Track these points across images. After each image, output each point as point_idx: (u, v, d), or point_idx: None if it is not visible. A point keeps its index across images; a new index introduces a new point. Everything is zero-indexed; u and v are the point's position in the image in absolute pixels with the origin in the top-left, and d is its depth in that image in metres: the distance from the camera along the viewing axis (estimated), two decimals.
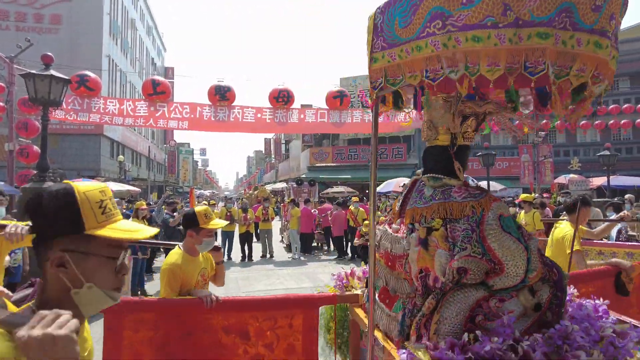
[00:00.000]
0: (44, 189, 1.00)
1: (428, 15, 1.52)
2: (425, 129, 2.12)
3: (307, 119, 12.46)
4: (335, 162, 28.37)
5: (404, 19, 1.62)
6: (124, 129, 29.36)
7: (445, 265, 1.75)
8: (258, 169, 71.81)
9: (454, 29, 1.46)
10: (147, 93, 11.00)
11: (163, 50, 49.95)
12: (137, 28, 35.74)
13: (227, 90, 11.56)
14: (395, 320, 1.97)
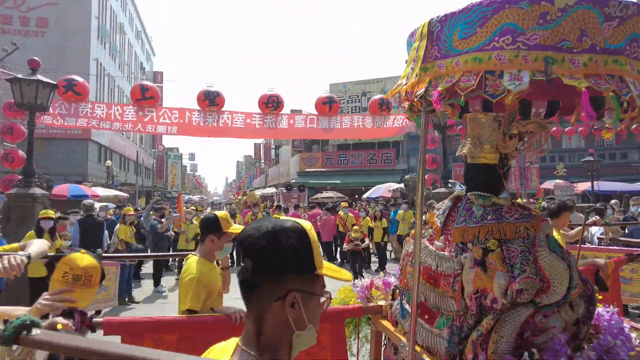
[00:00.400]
0: (266, 223, 0.95)
1: (498, 30, 1.56)
2: (469, 145, 2.09)
3: (297, 124, 12.51)
4: (325, 167, 28.44)
5: (467, 30, 1.64)
6: (112, 134, 29.09)
7: (504, 287, 1.76)
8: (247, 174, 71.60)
9: (524, 46, 1.52)
10: (136, 98, 10.93)
11: (152, 54, 49.68)
12: (126, 32, 35.53)
13: (217, 96, 11.55)
14: (440, 337, 1.97)
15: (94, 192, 13.90)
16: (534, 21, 1.51)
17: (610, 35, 1.49)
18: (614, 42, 1.50)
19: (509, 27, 1.54)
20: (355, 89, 29.62)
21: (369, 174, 26.97)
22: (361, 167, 27.79)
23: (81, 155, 24.34)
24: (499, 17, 1.55)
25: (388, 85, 28.79)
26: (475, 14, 1.61)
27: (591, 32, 1.48)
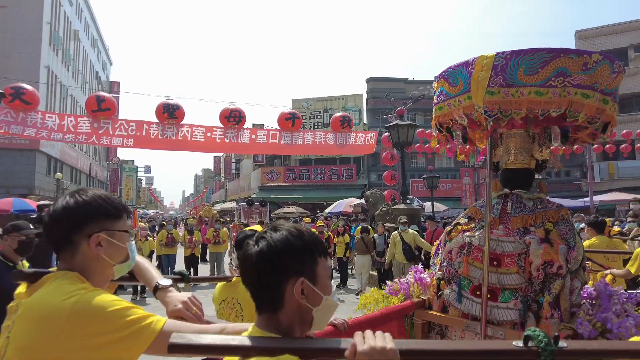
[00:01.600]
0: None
1: (554, 72, 2.13)
2: (515, 154, 2.69)
3: (259, 139, 12.45)
4: (286, 181, 28.38)
5: (531, 68, 2.17)
6: (63, 145, 27.66)
7: (566, 256, 2.37)
8: (206, 188, 70.06)
9: (569, 85, 2.12)
10: (91, 109, 10.52)
11: (109, 63, 48.04)
12: (81, 40, 34.21)
13: (176, 109, 11.32)
14: (508, 309, 2.42)
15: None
16: (579, 67, 2.13)
17: (610, 83, 2.19)
18: (610, 88, 2.22)
19: (562, 70, 2.13)
20: (317, 105, 29.96)
21: (330, 189, 27.18)
22: (323, 182, 27.98)
23: (27, 167, 22.93)
24: (556, 63, 2.12)
25: (349, 102, 29.37)
26: (538, 57, 2.16)
27: (605, 80, 2.15)
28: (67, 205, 1.19)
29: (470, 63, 2.40)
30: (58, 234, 1.18)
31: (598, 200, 18.87)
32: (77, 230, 1.17)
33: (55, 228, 1.19)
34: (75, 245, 1.17)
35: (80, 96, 33.21)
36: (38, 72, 23.29)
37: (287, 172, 28.95)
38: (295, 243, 0.99)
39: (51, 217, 1.19)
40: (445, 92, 2.64)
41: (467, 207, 13.27)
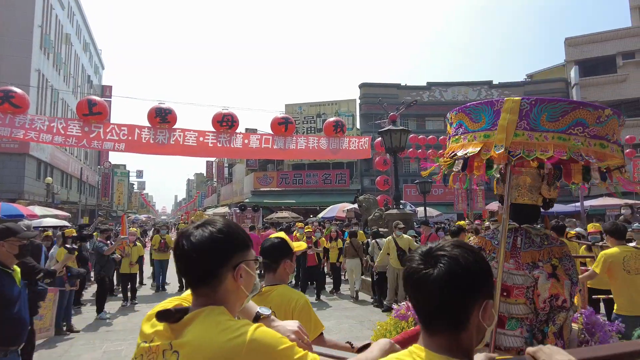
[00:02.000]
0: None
1: (574, 122, 2.37)
2: (525, 191, 2.90)
3: (252, 144, 12.39)
4: (279, 186, 28.32)
5: (554, 116, 2.42)
6: (54, 149, 27.38)
7: (570, 291, 2.60)
8: (198, 193, 69.68)
9: (588, 135, 2.37)
10: (82, 113, 10.41)
11: (101, 67, 47.75)
12: (73, 43, 33.98)
13: (168, 113, 11.24)
14: (514, 336, 2.61)
15: (31, 211, 12.89)
16: (594, 120, 2.39)
17: (618, 135, 2.49)
18: (616, 140, 2.47)
19: (580, 121, 2.38)
20: (310, 110, 29.99)
21: (323, 194, 27.16)
22: (316, 186, 27.97)
23: (17, 171, 22.62)
24: (575, 113, 2.37)
25: (342, 108, 29.46)
26: (560, 107, 2.42)
27: (615, 132, 2.45)
28: (213, 237, 1.14)
29: (494, 103, 2.63)
30: (205, 267, 1.14)
31: (589, 205, 19.05)
32: (224, 263, 1.14)
33: (202, 261, 1.14)
34: (220, 278, 1.14)
35: (71, 100, 32.93)
36: (29, 76, 23.06)
37: (280, 177, 28.89)
38: (483, 266, 1.02)
39: (196, 249, 1.13)
40: (465, 125, 2.84)
41: (459, 212, 13.41)
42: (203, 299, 1.15)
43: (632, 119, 27.87)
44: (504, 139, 2.47)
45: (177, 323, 1.12)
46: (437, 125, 30.63)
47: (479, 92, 31.70)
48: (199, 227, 1.18)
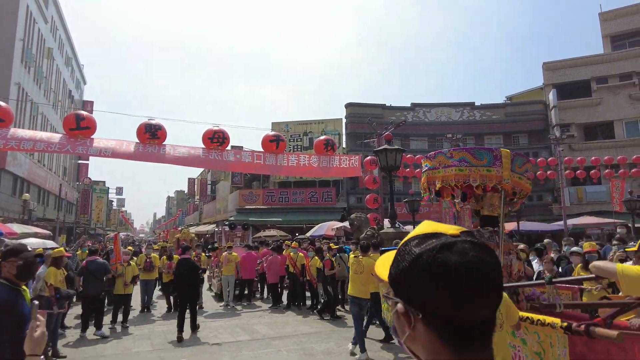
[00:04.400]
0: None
1: (526, 168, 4.46)
2: (488, 206, 4.64)
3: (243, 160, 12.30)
4: (265, 204, 28.05)
5: (520, 164, 4.40)
6: (31, 164, 26.58)
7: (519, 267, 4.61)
8: (180, 210, 68.43)
9: (530, 177, 4.65)
10: (69, 128, 10.13)
11: (82, 82, 47.05)
12: (55, 57, 33.45)
13: (158, 129, 11.03)
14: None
15: (10, 228, 12.35)
16: (530, 167, 4.62)
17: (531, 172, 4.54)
18: (528, 176, 4.52)
19: (529, 167, 4.55)
20: (297, 129, 30.07)
21: (310, 212, 27.00)
22: (302, 204, 27.79)
23: None
24: (527, 164, 4.43)
25: (329, 126, 29.65)
26: (523, 160, 4.50)
27: (529, 172, 4.54)
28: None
29: (494, 150, 4.36)
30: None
31: (571, 224, 19.47)
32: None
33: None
34: None
35: (51, 114, 32.22)
36: (8, 89, 22.51)
37: (266, 194, 28.66)
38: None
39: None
40: (468, 161, 4.29)
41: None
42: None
43: (607, 140, 28.91)
44: (508, 175, 4.21)
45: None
46: (421, 145, 31.07)
47: (461, 112, 32.42)
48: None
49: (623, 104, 29.01)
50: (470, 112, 32.39)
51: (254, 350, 6.60)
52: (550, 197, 30.47)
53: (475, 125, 31.91)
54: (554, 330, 3.04)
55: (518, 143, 32.38)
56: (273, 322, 8.78)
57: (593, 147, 27.44)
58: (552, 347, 3.09)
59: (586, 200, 27.72)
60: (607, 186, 27.40)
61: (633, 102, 28.81)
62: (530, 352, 3.30)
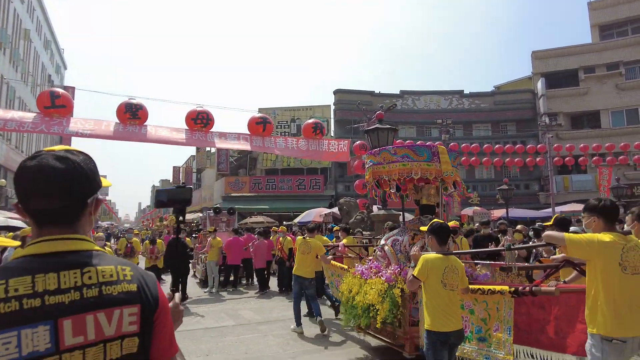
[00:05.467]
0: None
1: (457, 163, 5.48)
2: (426, 197, 5.39)
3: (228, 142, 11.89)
4: (252, 191, 27.59)
5: (453, 158, 5.22)
6: (8, 150, 25.62)
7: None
8: None
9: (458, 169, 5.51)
10: (44, 106, 9.55)
11: (63, 67, 45.55)
12: (32, 40, 32.14)
13: (139, 109, 10.52)
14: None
15: None
16: (454, 162, 5.27)
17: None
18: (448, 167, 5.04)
19: (457, 162, 5.48)
20: (284, 115, 29.55)
21: (297, 200, 26.65)
22: (290, 192, 27.40)
23: None
24: (458, 159, 5.66)
25: (317, 113, 29.20)
26: (454, 154, 5.41)
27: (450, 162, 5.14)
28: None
29: (432, 147, 5.18)
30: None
31: (559, 211, 19.50)
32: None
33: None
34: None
35: (30, 99, 31.07)
36: None
37: (253, 182, 28.18)
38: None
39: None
40: (410, 157, 5.03)
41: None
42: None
43: (594, 130, 29.09)
44: (450, 169, 4.99)
45: None
46: (410, 133, 30.87)
47: (450, 101, 32.27)
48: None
49: (610, 93, 29.18)
50: (459, 101, 32.26)
51: (239, 336, 6.27)
52: (537, 185, 30.65)
53: (464, 114, 31.80)
54: (502, 296, 3.75)
55: (506, 131, 32.42)
56: (259, 308, 8.45)
57: (580, 136, 27.57)
58: (498, 311, 3.79)
59: (572, 189, 27.93)
60: (592, 175, 27.65)
61: (619, 92, 29.01)
62: (477, 320, 3.95)
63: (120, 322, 0.98)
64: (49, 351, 0.88)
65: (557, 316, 3.49)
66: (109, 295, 0.98)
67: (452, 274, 3.43)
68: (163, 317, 1.09)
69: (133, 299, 1.02)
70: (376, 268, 5.08)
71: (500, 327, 3.74)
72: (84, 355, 0.92)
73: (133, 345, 1.00)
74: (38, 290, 0.91)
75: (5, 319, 0.86)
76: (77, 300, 0.94)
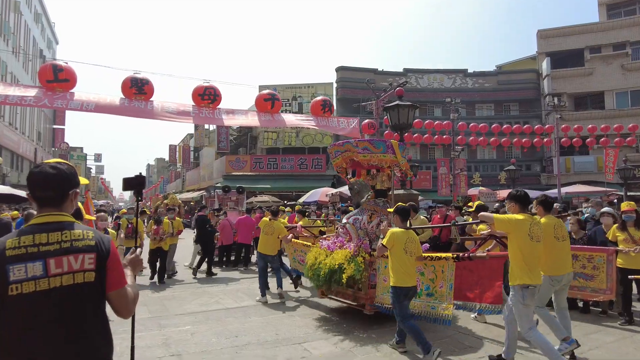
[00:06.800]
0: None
1: (405, 154, 6.23)
2: (380, 183, 6.49)
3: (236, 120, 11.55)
4: (253, 171, 27.28)
5: (402, 149, 5.97)
6: (2, 127, 24.96)
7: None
8: (162, 178, 66.93)
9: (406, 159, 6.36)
10: (46, 80, 9.11)
11: (54, 42, 44.23)
12: (22, 12, 31.00)
13: (145, 84, 10.10)
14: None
15: None
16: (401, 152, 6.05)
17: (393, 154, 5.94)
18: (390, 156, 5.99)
19: (405, 153, 6.13)
20: (286, 93, 28.99)
21: (299, 179, 26.41)
22: (291, 171, 27.13)
23: None
24: (405, 151, 6.13)
25: (319, 91, 28.70)
26: (404, 146, 6.41)
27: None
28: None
29: (387, 141, 5.94)
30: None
31: (564, 192, 19.47)
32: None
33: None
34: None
35: (22, 74, 30.20)
36: None
37: (254, 160, 27.84)
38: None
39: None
40: (369, 149, 5.90)
41: (444, 197, 15.31)
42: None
43: (597, 110, 28.89)
44: (401, 159, 5.85)
45: None
46: None
47: (454, 80, 31.82)
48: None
49: (615, 74, 28.86)
50: (462, 80, 31.82)
51: (263, 316, 6.11)
52: (538, 166, 30.60)
53: (467, 93, 31.43)
54: (447, 262, 4.84)
55: (509, 112, 32.15)
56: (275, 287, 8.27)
57: (583, 117, 27.37)
58: (443, 272, 4.87)
59: (574, 171, 27.92)
60: (594, 157, 27.60)
61: (625, 72, 28.69)
62: (426, 280, 5.02)
63: (83, 262, 1.62)
64: (42, 275, 1.54)
65: (481, 276, 4.69)
66: (76, 247, 1.62)
67: (412, 243, 4.54)
68: (113, 262, 1.70)
69: (91, 249, 1.65)
70: (340, 242, 5.97)
71: (444, 284, 4.84)
72: (61, 278, 1.57)
73: (90, 276, 1.63)
74: (35, 243, 1.58)
75: (18, 257, 1.54)
76: (57, 249, 1.60)
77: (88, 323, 1.62)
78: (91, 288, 1.62)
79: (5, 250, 1.53)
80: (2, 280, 1.49)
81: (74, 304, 1.58)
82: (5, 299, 1.49)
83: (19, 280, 1.50)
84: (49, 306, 1.54)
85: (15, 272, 1.51)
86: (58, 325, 1.55)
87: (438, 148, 29.15)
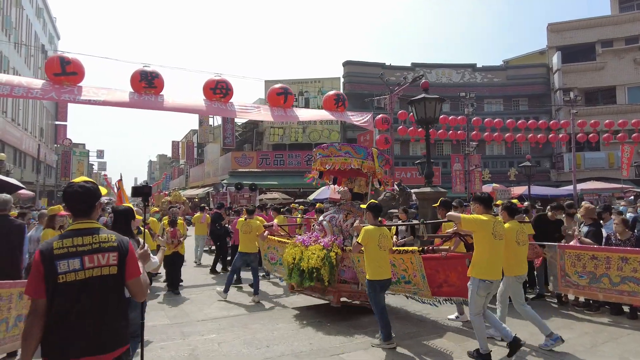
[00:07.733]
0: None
1: (384, 162, 6.74)
2: (358, 187, 7.03)
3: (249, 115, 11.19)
4: (259, 167, 26.88)
5: (380, 160, 6.62)
6: (5, 123, 24.62)
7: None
8: (165, 174, 66.58)
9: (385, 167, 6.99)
10: (54, 73, 8.70)
11: (56, 37, 43.79)
12: (24, 7, 30.56)
13: (155, 77, 9.69)
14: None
15: None
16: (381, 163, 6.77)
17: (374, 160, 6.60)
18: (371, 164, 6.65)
19: (384, 162, 6.78)
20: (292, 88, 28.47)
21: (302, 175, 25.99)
22: (298, 168, 26.70)
23: None
24: (385, 159, 6.84)
25: (326, 86, 28.24)
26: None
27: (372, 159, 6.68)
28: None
29: (367, 149, 6.60)
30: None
31: (580, 189, 19.06)
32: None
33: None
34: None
35: (24, 69, 29.80)
36: None
37: (260, 157, 27.43)
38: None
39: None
40: (351, 154, 6.43)
41: (459, 194, 14.92)
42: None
43: (609, 106, 28.41)
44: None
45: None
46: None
47: (462, 74, 31.34)
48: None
49: (627, 68, 28.37)
50: (471, 74, 31.34)
51: (291, 323, 5.73)
52: (548, 162, 30.17)
53: (476, 88, 30.92)
54: (413, 254, 5.25)
55: (518, 107, 31.67)
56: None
57: (594, 113, 26.90)
58: (412, 264, 5.27)
59: (584, 167, 27.48)
60: (605, 152, 27.16)
61: (637, 67, 28.21)
62: (399, 270, 5.46)
63: (108, 259, 2.15)
64: (80, 269, 2.06)
65: (448, 275, 5.12)
66: (103, 247, 2.15)
67: (384, 239, 4.84)
68: (130, 258, 2.22)
69: (114, 249, 2.18)
70: (315, 237, 6.35)
71: (417, 274, 5.28)
72: (92, 271, 2.09)
73: (114, 270, 2.15)
74: (74, 244, 2.10)
75: (62, 255, 2.05)
76: (90, 249, 2.12)
77: (111, 306, 2.13)
78: (114, 280, 2.14)
79: (53, 250, 2.05)
80: (54, 271, 2.01)
81: (102, 292, 2.10)
82: (57, 286, 2.00)
83: (64, 272, 2.02)
84: (86, 292, 2.05)
85: (61, 266, 2.03)
86: (92, 306, 2.06)
87: (446, 144, 28.73)
